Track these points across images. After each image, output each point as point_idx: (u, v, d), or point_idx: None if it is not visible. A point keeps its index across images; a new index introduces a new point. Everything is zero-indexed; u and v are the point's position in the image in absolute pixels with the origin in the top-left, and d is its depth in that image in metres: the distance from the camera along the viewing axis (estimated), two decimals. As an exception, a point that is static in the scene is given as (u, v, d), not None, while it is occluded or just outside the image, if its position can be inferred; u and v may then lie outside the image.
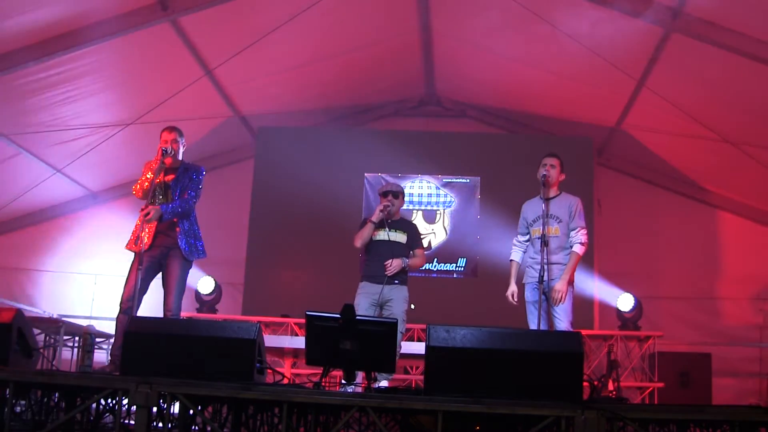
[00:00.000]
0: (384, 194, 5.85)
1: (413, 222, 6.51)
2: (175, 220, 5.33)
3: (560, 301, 5.22)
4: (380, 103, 9.70)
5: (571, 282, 5.33)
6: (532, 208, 5.56)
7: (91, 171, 8.62)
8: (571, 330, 5.20)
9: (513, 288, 5.43)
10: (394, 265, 5.59)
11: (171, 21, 6.63)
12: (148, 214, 5.16)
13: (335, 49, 7.97)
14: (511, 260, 5.56)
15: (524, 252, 5.53)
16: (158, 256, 5.30)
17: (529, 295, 5.40)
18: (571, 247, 5.35)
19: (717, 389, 7.83)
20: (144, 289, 5.18)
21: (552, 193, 5.50)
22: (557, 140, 8.83)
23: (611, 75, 7.24)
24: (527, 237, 5.52)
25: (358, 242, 5.76)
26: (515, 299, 5.41)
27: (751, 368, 8.42)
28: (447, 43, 8.37)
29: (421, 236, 6.06)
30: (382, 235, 5.74)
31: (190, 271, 5.50)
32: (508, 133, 9.68)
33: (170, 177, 5.46)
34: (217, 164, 9.39)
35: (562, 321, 5.24)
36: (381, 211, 5.69)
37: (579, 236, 5.37)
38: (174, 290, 5.28)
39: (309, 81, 8.42)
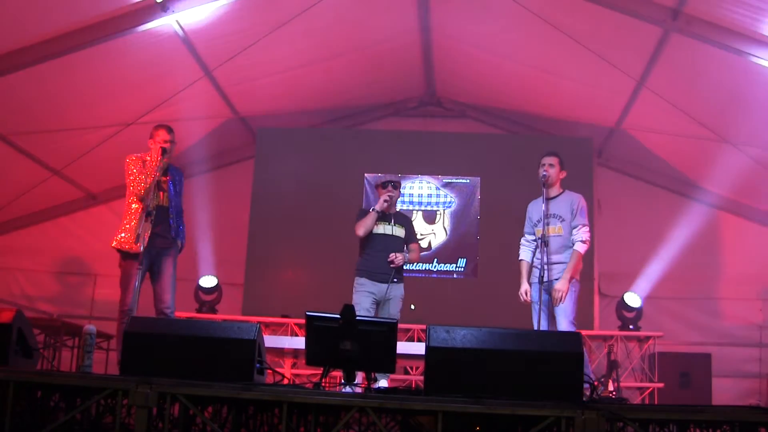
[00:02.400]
0: (384, 185, 5.82)
1: (405, 214, 6.49)
2: (171, 225, 5.41)
3: (561, 300, 5.22)
4: (380, 103, 9.69)
5: (575, 279, 5.33)
6: (536, 208, 5.57)
7: (91, 171, 8.62)
8: (573, 329, 5.21)
9: (525, 286, 5.43)
10: (399, 259, 5.57)
11: (171, 21, 6.63)
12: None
13: (335, 49, 7.97)
14: (520, 260, 5.55)
15: (533, 251, 5.51)
16: (153, 255, 5.35)
17: (534, 294, 5.42)
18: (573, 245, 5.35)
19: (717, 389, 7.83)
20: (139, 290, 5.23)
21: (554, 192, 5.51)
22: (557, 140, 8.83)
23: (611, 75, 7.23)
24: (534, 236, 5.52)
25: (361, 231, 5.72)
26: (528, 297, 5.40)
27: (751, 368, 8.42)
28: (447, 43, 8.37)
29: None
30: (384, 228, 5.72)
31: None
32: (508, 133, 9.68)
33: (163, 178, 5.51)
34: (217, 164, 9.39)
35: (563, 320, 5.25)
36: (385, 201, 5.66)
37: (580, 234, 5.35)
38: (171, 288, 5.38)
39: (309, 81, 8.42)
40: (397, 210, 6.04)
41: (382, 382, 5.30)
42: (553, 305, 5.27)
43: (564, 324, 5.24)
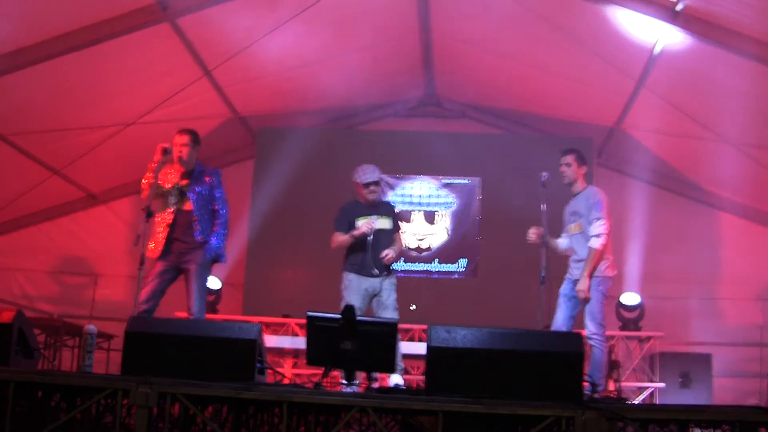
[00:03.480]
0: (366, 186, 5.68)
1: (388, 202, 6.28)
2: (195, 228, 5.30)
3: (585, 300, 5.21)
4: (380, 103, 9.69)
5: (600, 278, 5.27)
6: (567, 208, 5.63)
7: (91, 171, 8.62)
8: (601, 331, 5.20)
9: (539, 230, 5.51)
10: (391, 257, 5.43)
11: (171, 21, 6.63)
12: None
13: (335, 49, 7.96)
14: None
15: (567, 240, 5.57)
16: (175, 260, 5.27)
17: (562, 288, 5.48)
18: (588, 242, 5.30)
19: (717, 389, 7.83)
20: (161, 292, 5.20)
21: (577, 188, 5.51)
22: (557, 140, 8.82)
23: (611, 75, 7.23)
24: (568, 234, 5.60)
25: (333, 245, 5.66)
26: (532, 236, 5.51)
27: (752, 368, 8.41)
28: (447, 43, 8.37)
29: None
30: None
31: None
32: (508, 133, 9.67)
33: (184, 182, 5.39)
34: (217, 164, 9.34)
35: (588, 323, 5.24)
36: (365, 232, 5.47)
37: (594, 228, 5.27)
38: (195, 294, 5.25)
39: (309, 81, 8.42)
40: (380, 199, 5.87)
41: (398, 379, 5.26)
42: (583, 306, 5.29)
43: (591, 327, 5.20)
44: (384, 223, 5.65)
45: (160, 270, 5.20)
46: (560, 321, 5.36)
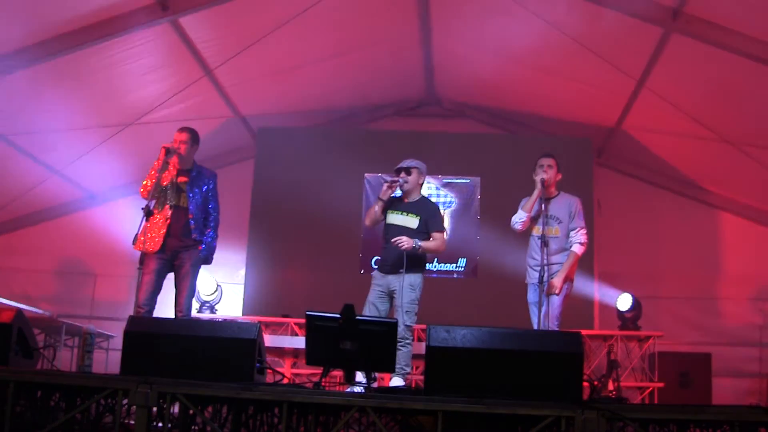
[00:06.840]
0: (396, 171, 5.54)
1: (433, 202, 5.93)
2: (192, 226, 5.35)
3: (555, 294, 5.27)
4: (380, 103, 9.69)
5: (569, 279, 5.38)
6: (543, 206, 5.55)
7: (91, 171, 8.61)
8: (556, 323, 5.30)
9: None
10: (404, 242, 5.20)
11: (171, 21, 6.63)
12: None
13: (335, 49, 7.97)
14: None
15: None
16: (170, 257, 5.31)
17: (531, 296, 5.46)
18: (570, 246, 5.40)
19: (717, 389, 7.83)
20: (158, 289, 5.23)
21: (551, 192, 5.53)
22: (557, 140, 8.82)
23: (611, 75, 7.23)
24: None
25: (366, 221, 5.60)
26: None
27: (751, 368, 8.42)
28: (447, 43, 8.36)
29: (442, 218, 5.64)
30: (392, 218, 5.48)
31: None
32: (508, 133, 9.67)
33: (182, 179, 5.44)
34: (217, 164, 9.29)
35: (549, 311, 5.28)
36: (388, 187, 5.40)
37: (579, 236, 5.44)
38: (185, 291, 5.31)
39: (309, 81, 8.42)
40: (422, 196, 5.60)
41: (398, 380, 5.24)
42: (546, 294, 5.28)
43: (551, 319, 5.29)
44: (409, 221, 5.44)
45: (155, 267, 5.22)
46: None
